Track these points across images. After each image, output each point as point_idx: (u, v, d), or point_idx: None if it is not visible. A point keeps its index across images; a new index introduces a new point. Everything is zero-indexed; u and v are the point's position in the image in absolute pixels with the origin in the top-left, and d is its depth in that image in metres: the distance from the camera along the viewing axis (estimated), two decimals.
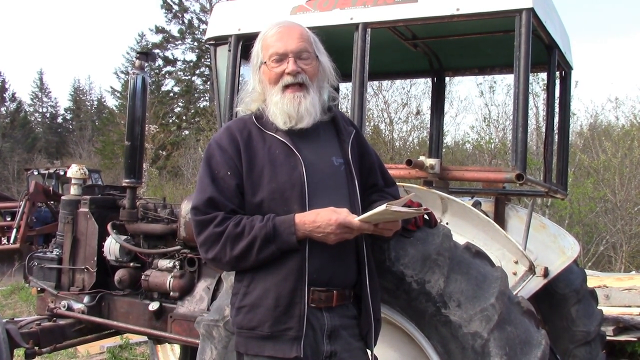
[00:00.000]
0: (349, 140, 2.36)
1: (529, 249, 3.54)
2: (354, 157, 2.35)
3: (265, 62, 2.28)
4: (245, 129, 2.29)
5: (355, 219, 2.11)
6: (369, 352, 2.34)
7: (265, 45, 2.29)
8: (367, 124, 13.78)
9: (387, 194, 2.44)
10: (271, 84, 2.28)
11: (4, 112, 47.22)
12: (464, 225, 3.20)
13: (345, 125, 2.41)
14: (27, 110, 52.03)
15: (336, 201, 2.21)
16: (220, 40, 3.90)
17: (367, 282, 2.28)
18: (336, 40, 3.42)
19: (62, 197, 4.81)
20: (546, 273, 3.41)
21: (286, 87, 2.25)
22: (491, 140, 13.62)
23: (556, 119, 4.05)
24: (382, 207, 2.03)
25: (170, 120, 34.49)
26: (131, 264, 4.36)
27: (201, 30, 34.83)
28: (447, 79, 5.02)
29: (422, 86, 14.80)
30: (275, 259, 2.15)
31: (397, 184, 2.66)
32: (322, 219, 2.09)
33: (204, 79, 36.51)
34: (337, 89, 2.51)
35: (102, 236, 4.45)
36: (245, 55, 3.70)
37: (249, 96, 2.36)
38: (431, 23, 3.40)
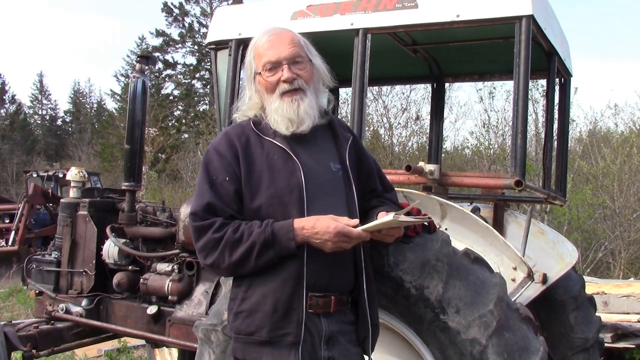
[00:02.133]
0: (346, 146, 2.36)
1: (528, 255, 3.54)
2: (352, 162, 2.36)
3: (259, 72, 2.28)
4: (244, 134, 2.29)
5: (359, 228, 2.11)
6: (366, 357, 2.34)
7: (258, 54, 2.29)
8: (367, 128, 13.78)
9: (386, 199, 2.44)
10: (268, 92, 2.27)
11: (4, 114, 47.24)
12: (462, 231, 3.20)
13: (342, 131, 2.42)
14: (26, 112, 52.11)
15: (334, 206, 2.21)
16: (220, 45, 3.91)
17: (365, 288, 2.28)
18: (336, 46, 3.43)
19: (61, 200, 4.81)
20: (545, 279, 3.41)
21: (283, 94, 2.25)
22: (490, 146, 13.62)
23: (555, 126, 4.06)
24: (389, 218, 2.03)
25: (170, 124, 34.53)
26: (130, 267, 4.35)
27: (201, 34, 34.92)
28: (446, 84, 5.02)
29: (421, 91, 14.82)
30: (273, 264, 2.15)
31: (396, 189, 2.66)
32: (321, 225, 2.09)
33: (204, 82, 36.58)
34: (333, 91, 2.50)
35: (101, 239, 4.44)
36: None
37: (245, 105, 2.36)
38: (431, 29, 3.41)
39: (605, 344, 4.60)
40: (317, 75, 2.33)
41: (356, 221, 2.13)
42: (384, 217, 2.08)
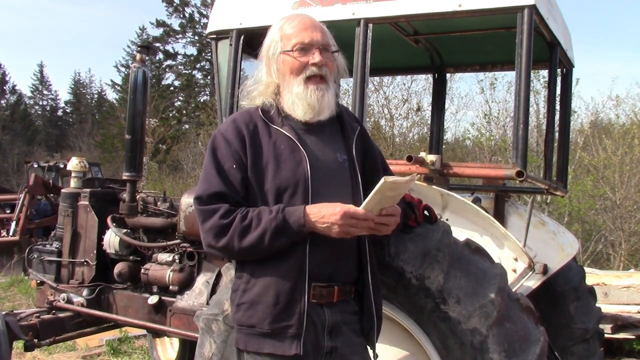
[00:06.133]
0: (353, 137, 2.35)
1: (529, 245, 3.54)
2: (358, 153, 2.34)
3: (287, 51, 2.24)
4: (252, 122, 2.26)
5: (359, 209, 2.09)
6: (370, 349, 2.34)
7: (287, 35, 2.26)
8: (368, 119, 13.74)
9: None
10: (292, 74, 2.24)
11: (4, 104, 47.19)
12: (463, 221, 3.20)
13: (350, 122, 2.40)
14: (27, 102, 52.07)
15: (339, 197, 2.19)
16: (221, 35, 3.89)
17: (370, 279, 2.27)
18: (337, 36, 3.41)
19: (62, 190, 4.81)
20: (545, 270, 3.41)
21: (308, 78, 2.23)
22: (491, 137, 13.59)
23: (557, 117, 4.04)
24: (381, 182, 1.99)
25: (171, 114, 34.48)
26: (131, 257, 4.36)
27: (202, 24, 34.80)
28: (448, 75, 5.01)
29: (422, 82, 14.75)
30: (275, 255, 2.14)
31: None
32: (327, 209, 2.08)
33: (204, 73, 36.50)
34: (338, 84, 2.51)
35: (102, 229, 4.45)
36: (247, 49, 3.71)
37: (255, 89, 2.33)
38: (433, 19, 3.39)
39: (605, 335, 4.62)
40: (336, 69, 2.34)
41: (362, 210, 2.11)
42: (376, 186, 2.02)
